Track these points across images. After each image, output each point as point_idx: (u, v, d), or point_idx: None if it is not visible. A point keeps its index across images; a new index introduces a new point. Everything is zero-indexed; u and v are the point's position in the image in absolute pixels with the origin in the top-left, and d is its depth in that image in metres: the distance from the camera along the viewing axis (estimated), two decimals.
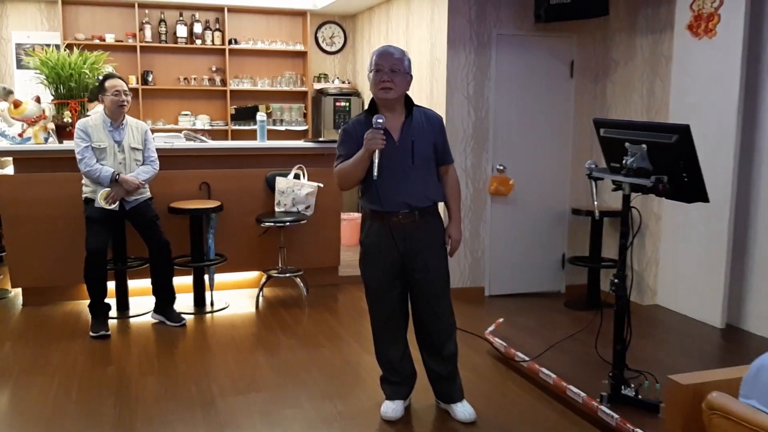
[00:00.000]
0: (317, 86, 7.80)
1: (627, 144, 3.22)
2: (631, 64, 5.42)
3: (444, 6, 5.45)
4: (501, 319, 4.63)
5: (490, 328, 4.46)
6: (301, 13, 7.74)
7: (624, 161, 3.20)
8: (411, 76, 3.10)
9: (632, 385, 3.39)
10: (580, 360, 4.00)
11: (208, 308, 5.31)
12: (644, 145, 3.13)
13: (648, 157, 3.14)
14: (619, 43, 5.54)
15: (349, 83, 7.93)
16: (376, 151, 2.92)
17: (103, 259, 4.66)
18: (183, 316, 4.95)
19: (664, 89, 5.09)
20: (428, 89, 5.81)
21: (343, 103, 7.56)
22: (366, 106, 3.21)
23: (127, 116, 4.79)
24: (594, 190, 3.46)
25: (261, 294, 5.51)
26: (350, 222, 7.13)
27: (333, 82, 7.89)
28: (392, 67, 3.03)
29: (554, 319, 5.03)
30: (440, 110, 5.58)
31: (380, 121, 2.95)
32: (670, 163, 3.06)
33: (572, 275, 5.98)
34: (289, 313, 5.23)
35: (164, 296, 4.92)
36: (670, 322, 4.79)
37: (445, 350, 3.38)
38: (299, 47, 7.75)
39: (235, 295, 5.68)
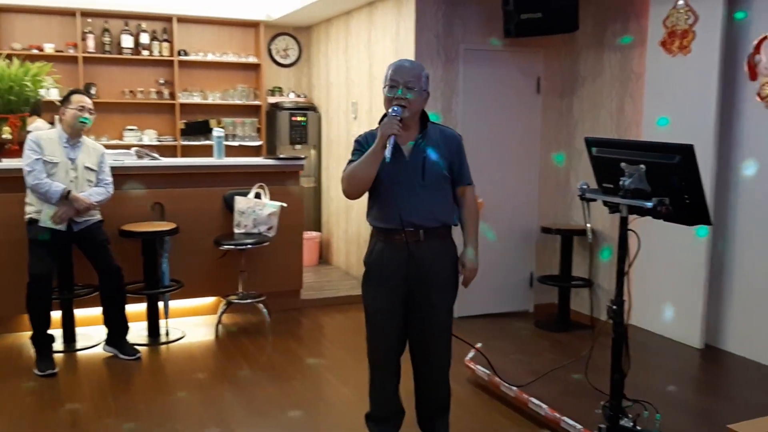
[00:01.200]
0: (271, 100, 7.50)
1: (623, 164, 3.08)
2: (599, 80, 5.36)
3: (410, 19, 5.28)
4: (479, 344, 4.43)
5: (470, 355, 4.27)
6: (253, 24, 7.44)
7: (621, 182, 3.06)
8: (428, 93, 2.91)
9: (630, 416, 3.24)
10: (566, 387, 3.84)
11: (163, 338, 4.94)
12: (642, 166, 3.00)
13: (646, 178, 3.01)
14: (586, 59, 5.49)
15: (305, 97, 7.66)
16: (391, 137, 2.72)
17: (47, 285, 4.26)
18: (137, 348, 4.58)
19: (634, 106, 5.04)
20: None
21: (299, 118, 7.28)
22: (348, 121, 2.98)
23: (83, 136, 4.44)
24: (587, 211, 3.31)
25: (220, 321, 5.18)
26: (308, 241, 6.87)
27: (288, 95, 7.61)
28: (407, 84, 2.83)
29: (532, 342, 4.89)
30: None
31: (397, 109, 2.77)
32: (670, 184, 2.94)
33: (539, 294, 5.88)
34: (251, 342, 4.91)
35: (117, 327, 4.55)
36: (648, 343, 4.71)
37: (439, 388, 3.18)
38: (252, 59, 7.44)
39: (191, 323, 5.32)
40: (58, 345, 4.51)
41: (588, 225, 3.35)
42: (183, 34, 7.18)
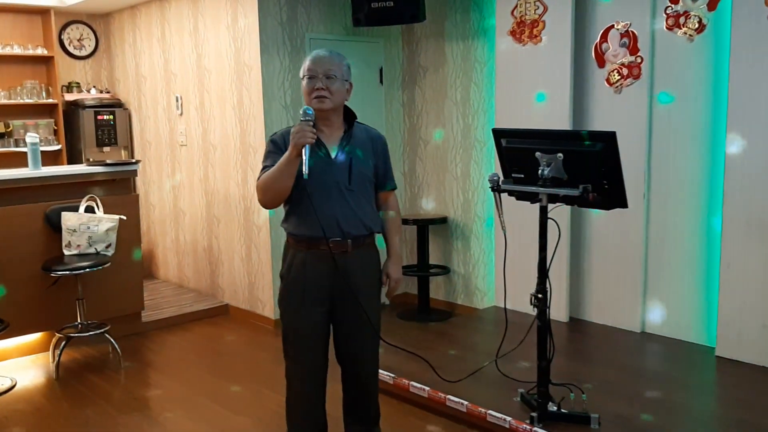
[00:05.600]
0: (69, 97, 6.53)
1: (538, 154, 3.10)
2: (441, 70, 5.41)
3: (251, 7, 4.88)
4: None
5: None
6: (41, 11, 6.39)
7: (540, 171, 3.07)
8: (351, 84, 2.64)
9: (554, 400, 3.30)
10: (472, 379, 3.80)
11: None
12: (560, 154, 3.04)
13: (563, 166, 3.06)
14: (426, 50, 5.50)
15: (109, 93, 6.79)
16: (306, 147, 2.44)
17: None
18: None
19: (480, 95, 5.16)
20: (236, 98, 5.18)
21: (106, 117, 6.44)
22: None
23: None
24: (500, 203, 3.28)
25: (59, 360, 4.39)
26: None
27: (89, 92, 6.69)
28: (327, 73, 2.57)
29: (411, 335, 4.82)
30: (257, 122, 5.01)
31: (310, 112, 2.51)
32: (588, 171, 3.01)
33: None
34: (103, 379, 4.24)
35: None
36: (517, 322, 4.86)
37: (371, 398, 2.95)
38: (41, 51, 6.40)
39: (17, 367, 4.47)
40: None
41: (502, 217, 3.32)
42: None
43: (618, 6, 4.35)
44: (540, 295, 3.23)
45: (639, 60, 4.27)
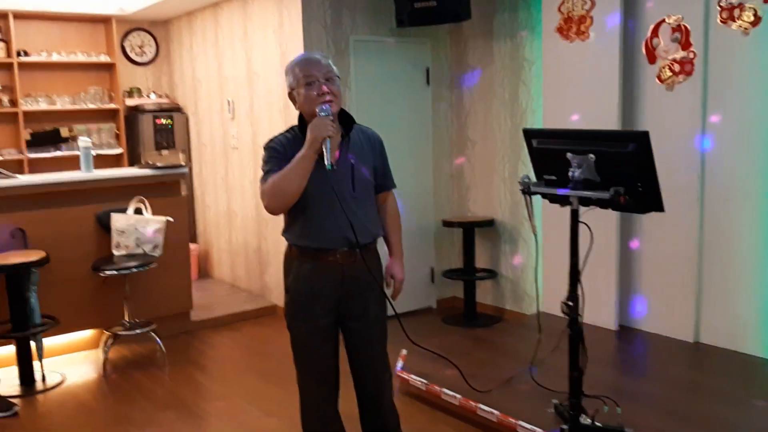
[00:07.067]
0: (130, 102, 6.77)
1: (569, 155, 2.96)
2: (489, 69, 5.29)
3: (296, 10, 4.91)
4: (404, 351, 4.20)
5: (400, 364, 4.02)
6: (103, 20, 6.65)
7: (571, 173, 2.94)
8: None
9: (588, 412, 3.15)
10: (506, 389, 3.68)
11: (40, 385, 4.25)
12: (592, 155, 2.89)
13: (595, 168, 2.91)
14: (474, 49, 5.40)
15: (167, 98, 6.99)
16: (327, 140, 2.36)
17: None
18: (12, 401, 3.89)
19: (528, 94, 5.02)
20: (282, 102, 5.22)
21: (164, 121, 6.64)
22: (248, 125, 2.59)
23: None
24: (530, 206, 3.16)
25: (106, 358, 4.54)
26: None
27: (149, 96, 6.91)
28: (326, 76, 2.49)
29: (451, 340, 4.72)
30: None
31: (326, 107, 2.42)
32: (621, 173, 2.85)
33: (439, 288, 5.77)
34: (147, 377, 4.35)
35: None
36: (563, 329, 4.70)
37: (384, 404, 2.87)
38: (104, 58, 6.65)
39: (69, 362, 4.65)
40: None
41: (532, 219, 3.20)
42: (22, 33, 6.27)
43: None
44: (570, 303, 3.08)
45: (691, 55, 4.04)
